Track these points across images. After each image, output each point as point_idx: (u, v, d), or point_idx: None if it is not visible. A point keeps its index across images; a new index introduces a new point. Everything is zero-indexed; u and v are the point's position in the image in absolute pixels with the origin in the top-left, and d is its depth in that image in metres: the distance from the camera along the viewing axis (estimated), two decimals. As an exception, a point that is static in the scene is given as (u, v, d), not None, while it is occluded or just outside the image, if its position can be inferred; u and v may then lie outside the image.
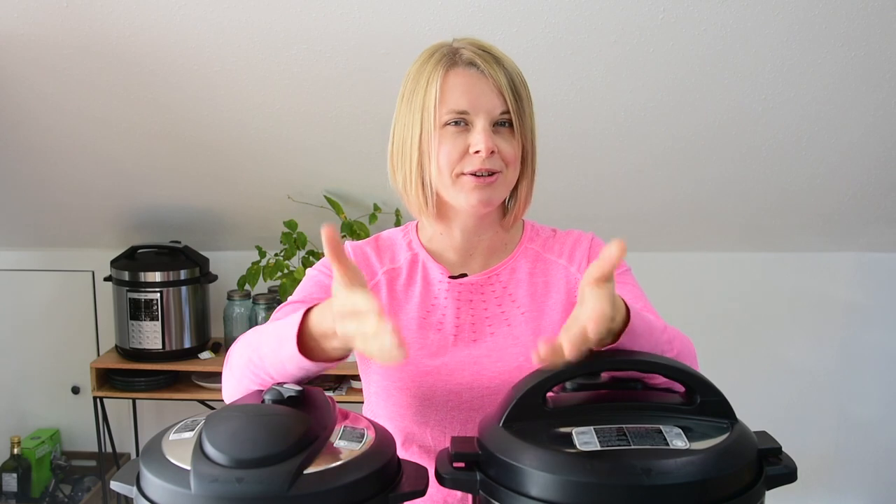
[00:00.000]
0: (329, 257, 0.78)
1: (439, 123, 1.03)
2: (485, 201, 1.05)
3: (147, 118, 2.15)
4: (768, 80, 1.96)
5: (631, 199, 2.42)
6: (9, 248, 2.76)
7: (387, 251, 1.15)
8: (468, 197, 1.04)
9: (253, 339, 0.95)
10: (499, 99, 1.04)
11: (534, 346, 1.07)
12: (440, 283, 1.11)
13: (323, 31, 1.85)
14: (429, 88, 1.04)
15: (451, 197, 1.06)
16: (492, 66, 1.04)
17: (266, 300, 2.49)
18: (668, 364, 0.83)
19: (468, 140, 1.03)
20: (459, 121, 1.03)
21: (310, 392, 0.85)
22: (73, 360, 2.70)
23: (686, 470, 0.70)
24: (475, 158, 1.03)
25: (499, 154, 1.04)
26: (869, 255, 2.68)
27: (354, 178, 2.39)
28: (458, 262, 1.13)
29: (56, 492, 2.65)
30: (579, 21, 1.81)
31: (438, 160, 1.04)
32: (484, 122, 1.03)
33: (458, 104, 1.03)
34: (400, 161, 1.09)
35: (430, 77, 1.04)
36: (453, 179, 1.04)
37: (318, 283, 1.09)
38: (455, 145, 1.03)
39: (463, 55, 1.04)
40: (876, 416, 2.76)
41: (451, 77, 1.04)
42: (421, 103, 1.05)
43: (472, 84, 1.03)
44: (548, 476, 0.71)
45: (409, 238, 1.16)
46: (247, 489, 0.67)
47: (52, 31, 1.87)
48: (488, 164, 1.03)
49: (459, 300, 1.10)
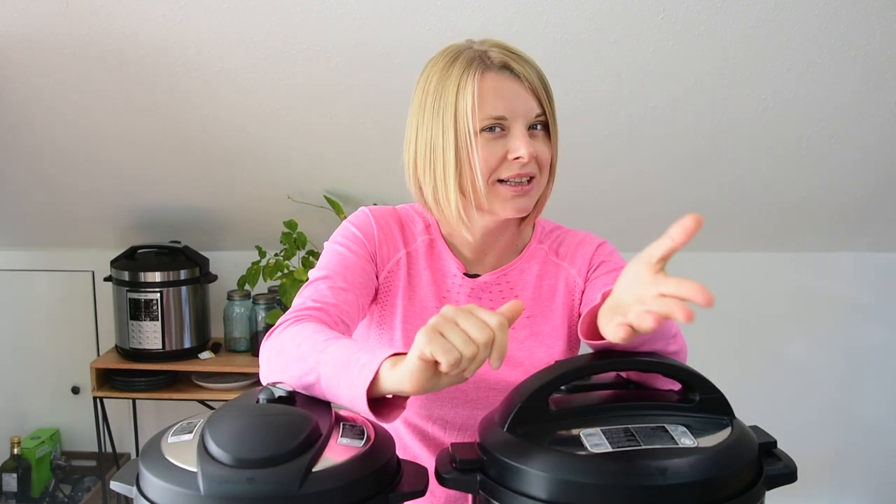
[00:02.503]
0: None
1: (476, 131, 1.00)
2: (521, 209, 1.04)
3: (147, 118, 2.15)
4: (768, 81, 1.96)
5: (630, 199, 2.43)
6: (9, 248, 2.76)
7: (407, 228, 1.13)
8: (504, 206, 1.03)
9: (313, 348, 0.88)
10: (534, 101, 1.02)
11: (535, 350, 1.08)
12: (454, 277, 1.11)
13: (322, 30, 1.85)
14: (461, 94, 1.00)
15: (484, 204, 1.03)
16: (524, 67, 1.02)
17: (266, 300, 2.49)
18: (668, 363, 0.84)
19: (507, 146, 1.01)
20: (495, 126, 1.01)
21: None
22: (73, 360, 2.70)
23: (700, 467, 0.71)
24: (514, 164, 1.01)
25: (536, 159, 1.02)
26: (869, 255, 2.68)
27: (354, 178, 2.39)
28: (472, 259, 1.13)
29: (56, 492, 2.64)
30: (579, 21, 1.81)
31: (476, 167, 1.01)
32: (522, 126, 1.01)
33: (496, 109, 1.00)
34: (430, 170, 1.04)
35: (461, 82, 1.00)
36: (489, 187, 1.02)
37: (341, 259, 1.06)
38: (493, 152, 1.01)
39: (493, 58, 1.01)
40: (877, 416, 2.77)
41: (486, 82, 1.00)
42: (453, 109, 1.01)
43: (508, 88, 1.01)
44: (562, 480, 0.71)
45: (427, 221, 1.14)
46: (257, 489, 0.67)
47: (51, 32, 1.87)
48: (527, 168, 1.01)
49: (471, 296, 1.10)
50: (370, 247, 1.09)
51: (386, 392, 0.80)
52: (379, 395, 0.81)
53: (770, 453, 0.80)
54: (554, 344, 1.10)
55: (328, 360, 0.84)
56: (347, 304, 1.01)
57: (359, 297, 1.04)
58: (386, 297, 1.10)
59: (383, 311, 1.10)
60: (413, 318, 1.09)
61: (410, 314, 1.09)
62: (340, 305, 1.00)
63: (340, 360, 0.83)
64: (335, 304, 1.00)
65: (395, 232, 1.11)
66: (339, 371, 0.82)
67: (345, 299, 1.01)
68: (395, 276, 1.10)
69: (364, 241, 1.09)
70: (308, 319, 0.96)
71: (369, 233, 1.09)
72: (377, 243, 1.09)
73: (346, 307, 1.01)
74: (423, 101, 1.04)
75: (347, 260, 1.06)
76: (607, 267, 1.11)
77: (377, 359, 0.79)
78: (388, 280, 1.10)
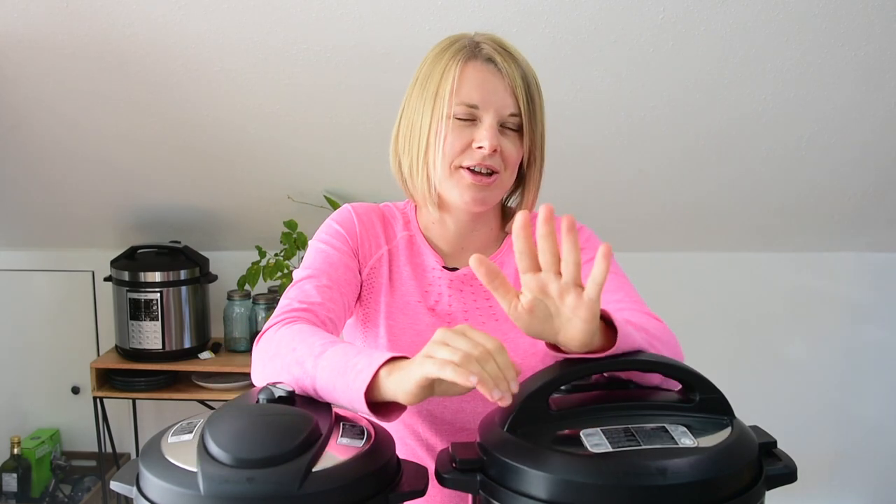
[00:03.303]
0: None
1: (449, 114, 1.03)
2: (479, 200, 1.05)
3: (147, 119, 2.15)
4: (768, 81, 1.96)
5: (631, 199, 2.42)
6: (9, 248, 2.76)
7: (389, 226, 1.14)
8: (462, 193, 1.04)
9: (308, 352, 0.88)
10: (511, 98, 1.03)
11: (519, 341, 1.07)
12: (433, 271, 1.11)
13: (322, 30, 1.85)
14: (444, 77, 1.03)
15: (445, 189, 1.06)
16: (509, 64, 1.03)
17: (266, 300, 2.49)
18: (668, 363, 0.84)
19: (473, 135, 1.03)
20: (468, 116, 1.03)
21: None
22: (73, 360, 2.69)
23: (700, 467, 0.71)
24: (476, 153, 1.02)
25: (501, 154, 1.03)
26: (869, 255, 2.68)
27: (354, 178, 2.39)
28: (450, 254, 1.13)
29: (56, 492, 2.64)
30: (579, 21, 1.81)
31: (441, 150, 1.03)
32: (492, 119, 1.03)
33: (470, 97, 1.02)
34: (407, 146, 1.08)
35: (448, 66, 1.04)
36: (451, 171, 1.04)
37: (325, 258, 1.07)
38: (459, 137, 1.03)
39: (482, 50, 1.04)
40: (877, 416, 2.77)
41: (468, 69, 1.03)
42: (434, 91, 1.04)
43: (487, 80, 1.03)
44: (562, 480, 0.71)
45: (407, 217, 1.15)
46: (257, 489, 0.67)
47: (51, 32, 1.87)
48: (489, 161, 1.02)
49: (452, 288, 1.11)
50: (353, 243, 1.10)
51: (383, 398, 0.80)
52: (378, 400, 0.81)
53: (770, 453, 0.80)
54: None
55: (325, 366, 0.84)
56: (333, 302, 1.02)
57: (344, 294, 1.05)
58: (369, 295, 1.11)
59: (367, 309, 1.11)
60: (396, 314, 1.09)
61: (393, 310, 1.09)
62: (326, 304, 1.01)
63: (337, 366, 0.83)
64: (321, 304, 1.00)
65: (378, 229, 1.12)
66: (336, 376, 0.82)
67: (330, 297, 1.02)
68: (377, 274, 1.11)
69: (347, 238, 1.09)
70: (298, 321, 0.96)
71: (352, 229, 1.10)
72: (359, 239, 1.10)
73: (331, 305, 1.02)
74: (415, 80, 1.08)
75: (331, 257, 1.07)
76: (586, 255, 1.10)
77: (374, 364, 0.80)
78: (370, 277, 1.11)
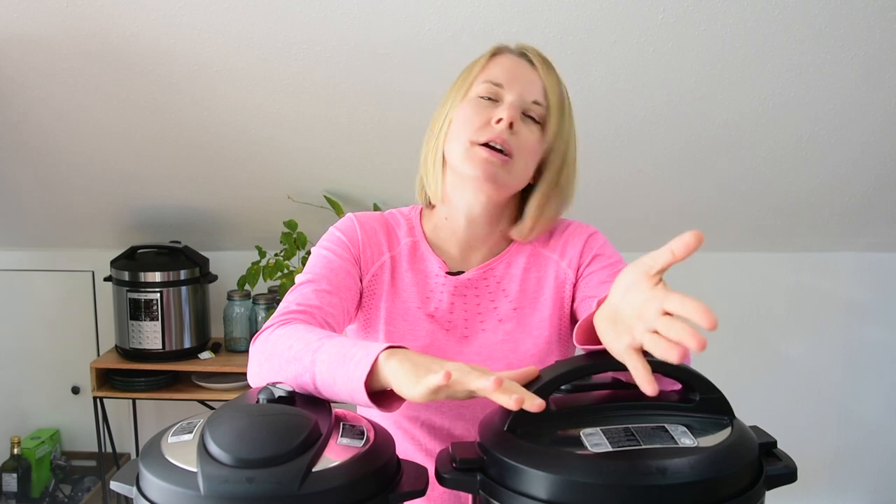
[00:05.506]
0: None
1: (474, 94, 1.06)
2: (491, 176, 1.03)
3: (147, 119, 2.15)
4: (768, 81, 1.96)
5: (630, 200, 2.42)
6: (9, 248, 2.76)
7: (392, 233, 1.15)
8: (475, 167, 1.03)
9: (306, 348, 0.88)
10: (537, 86, 1.06)
11: (520, 343, 1.08)
12: (436, 277, 1.11)
13: (322, 30, 1.85)
14: (474, 66, 1.09)
15: (459, 164, 1.05)
16: (542, 64, 1.08)
17: (266, 300, 2.49)
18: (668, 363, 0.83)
19: (494, 112, 1.04)
20: (492, 94, 1.05)
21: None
22: (73, 360, 2.70)
23: (700, 467, 0.71)
24: (494, 128, 1.03)
25: (518, 137, 1.03)
26: (869, 255, 2.68)
27: (354, 178, 2.39)
28: (458, 257, 1.13)
29: (56, 492, 2.64)
30: (579, 21, 1.81)
31: (459, 125, 1.05)
32: (514, 97, 1.04)
33: (496, 76, 1.05)
34: (433, 136, 1.11)
35: (481, 60, 1.09)
36: (467, 147, 1.04)
37: (326, 263, 1.08)
38: (479, 114, 1.04)
39: (515, 48, 1.10)
40: (877, 416, 2.77)
41: (499, 58, 1.08)
42: (462, 80, 1.09)
43: (516, 66, 1.07)
44: (562, 479, 0.71)
45: (411, 223, 1.15)
46: (257, 489, 0.67)
47: (51, 32, 1.87)
48: (505, 135, 1.02)
49: (454, 295, 1.11)
50: (354, 251, 1.10)
51: (383, 387, 0.81)
52: (377, 389, 0.82)
53: (770, 453, 0.80)
54: (541, 335, 1.09)
55: (323, 359, 0.85)
56: (332, 307, 1.03)
57: (343, 300, 1.06)
58: (370, 301, 1.11)
59: (367, 315, 1.11)
60: (396, 320, 1.10)
61: (393, 316, 1.10)
62: (325, 308, 1.02)
63: (336, 357, 0.84)
64: (319, 307, 1.01)
65: (381, 236, 1.13)
66: (335, 367, 0.83)
67: (329, 302, 1.03)
68: (378, 280, 1.11)
69: (349, 245, 1.10)
70: (294, 322, 0.97)
71: (353, 237, 1.11)
72: (361, 247, 1.11)
73: (330, 309, 1.02)
74: (453, 83, 1.12)
75: (332, 263, 1.08)
76: (602, 262, 1.10)
77: (373, 353, 0.81)
78: (371, 284, 1.11)
